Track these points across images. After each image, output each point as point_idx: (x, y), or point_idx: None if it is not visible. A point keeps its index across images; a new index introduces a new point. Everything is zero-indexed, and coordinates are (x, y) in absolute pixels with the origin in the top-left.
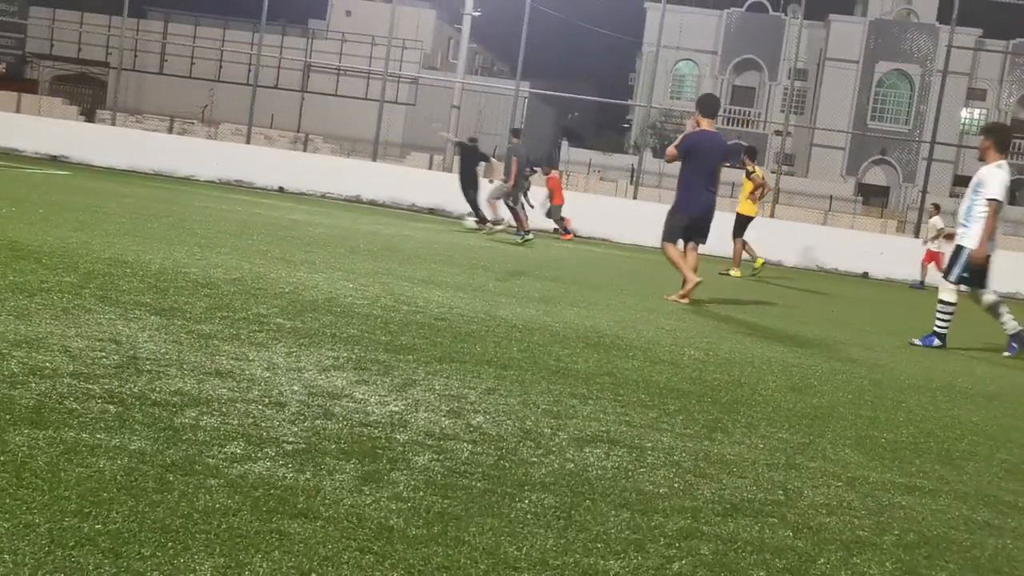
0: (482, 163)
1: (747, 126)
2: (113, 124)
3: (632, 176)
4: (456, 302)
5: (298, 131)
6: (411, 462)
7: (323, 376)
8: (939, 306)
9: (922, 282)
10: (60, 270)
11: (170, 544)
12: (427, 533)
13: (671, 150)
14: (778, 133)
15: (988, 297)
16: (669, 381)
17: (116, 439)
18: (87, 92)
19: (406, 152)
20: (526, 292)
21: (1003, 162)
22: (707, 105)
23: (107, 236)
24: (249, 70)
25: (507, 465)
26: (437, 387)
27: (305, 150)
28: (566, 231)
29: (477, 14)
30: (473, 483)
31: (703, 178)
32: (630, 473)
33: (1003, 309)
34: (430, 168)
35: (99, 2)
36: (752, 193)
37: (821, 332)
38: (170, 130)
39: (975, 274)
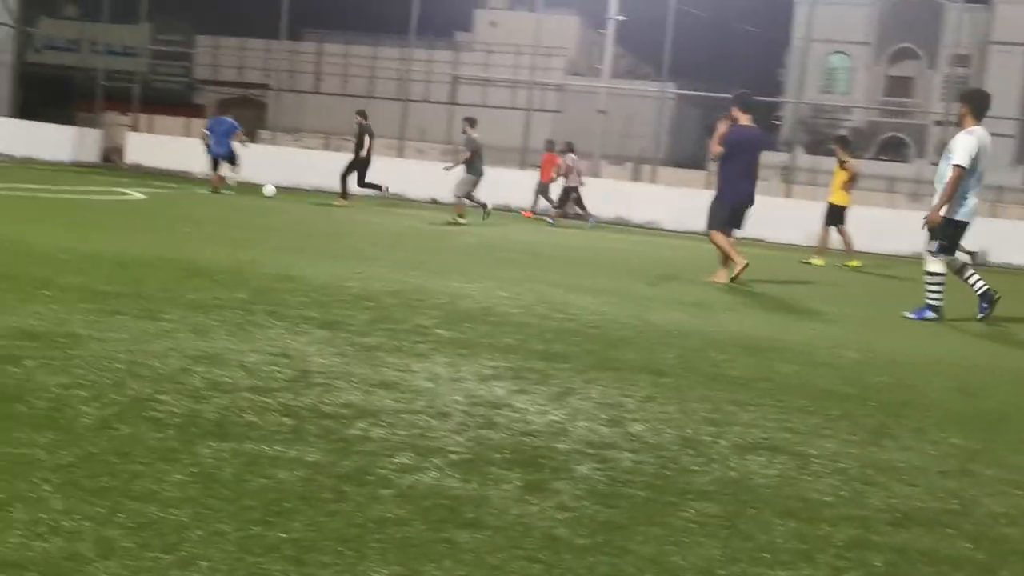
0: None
1: (905, 117)
2: (274, 144)
3: (784, 174)
4: (608, 308)
5: (448, 143)
6: (573, 471)
7: (483, 386)
8: (927, 278)
9: None
10: (232, 287)
11: (348, 553)
12: (592, 542)
13: (715, 148)
14: (939, 123)
15: (956, 260)
16: (829, 384)
17: (293, 451)
18: (249, 114)
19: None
20: (678, 296)
21: (975, 128)
22: (746, 102)
23: (273, 252)
24: (399, 85)
25: (669, 474)
26: (594, 395)
27: (455, 161)
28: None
29: (622, 18)
30: (636, 492)
31: (743, 170)
32: (794, 481)
33: (970, 271)
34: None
35: (258, 27)
36: (847, 183)
37: (989, 331)
38: (326, 147)
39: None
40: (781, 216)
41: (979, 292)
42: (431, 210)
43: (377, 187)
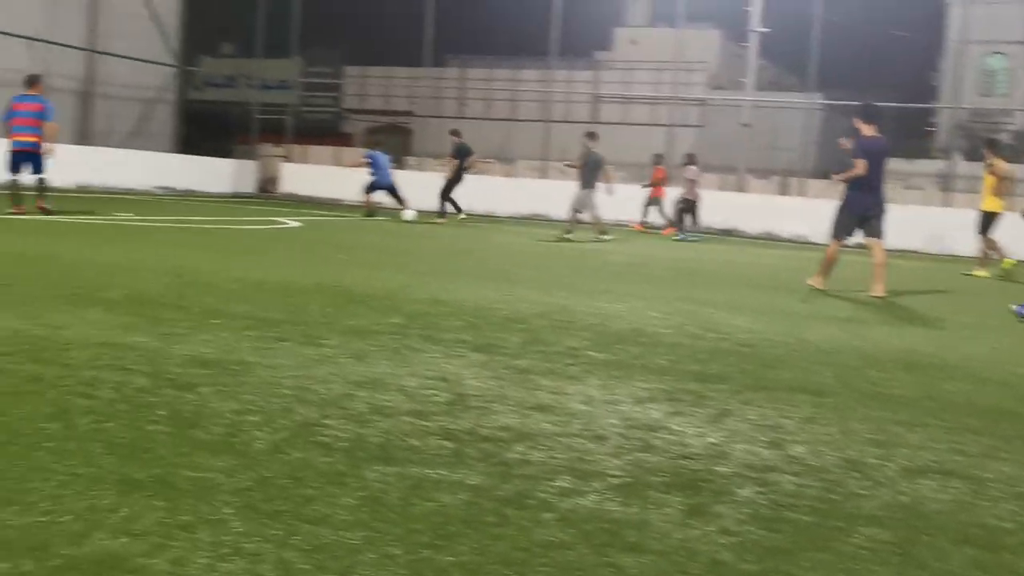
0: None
1: None
2: (420, 169)
3: (941, 182)
4: (760, 326)
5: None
6: (735, 495)
7: (639, 408)
8: None
9: None
10: (387, 312)
11: None
12: (758, 568)
13: (859, 162)
14: None
15: None
16: (999, 403)
17: (455, 474)
18: (395, 141)
19: (697, 175)
20: (832, 312)
21: None
22: (868, 113)
23: (422, 277)
24: (541, 106)
25: (834, 498)
26: (752, 417)
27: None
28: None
29: (766, 31)
30: (800, 516)
31: (870, 178)
32: (970, 506)
33: None
34: (722, 189)
35: (403, 56)
36: (996, 188)
37: None
38: (470, 170)
39: None
40: (940, 226)
41: None
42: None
43: (454, 207)
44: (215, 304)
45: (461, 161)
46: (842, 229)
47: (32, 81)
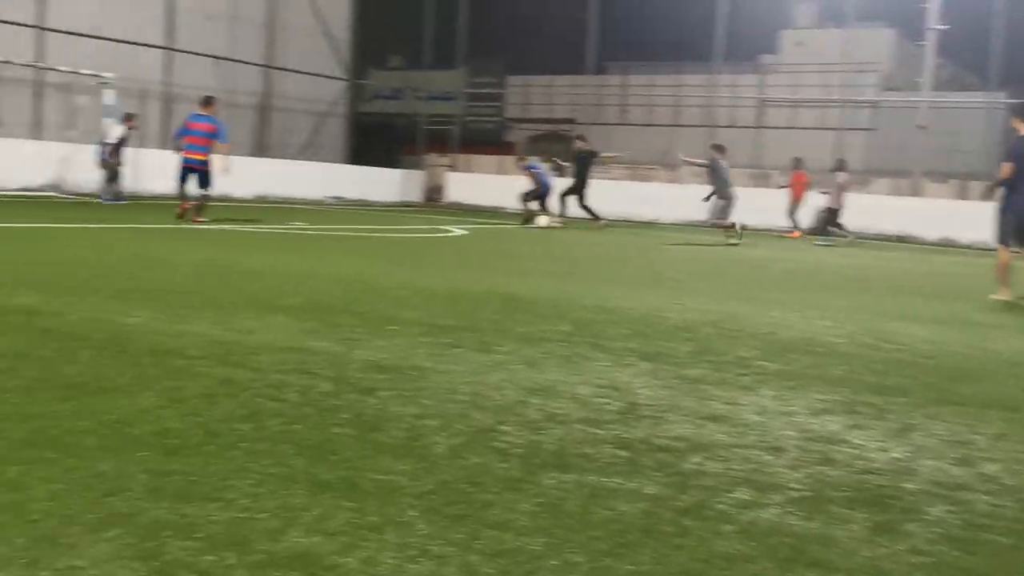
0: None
1: None
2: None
3: None
4: (941, 337)
5: (757, 167)
6: (925, 513)
7: (815, 420)
8: None
9: None
10: (555, 319)
11: None
12: None
13: (1005, 165)
14: None
15: None
16: None
17: (631, 483)
18: (557, 149)
19: (867, 178)
20: (1018, 323)
21: None
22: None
23: (588, 284)
24: (704, 111)
25: None
26: (938, 432)
27: (765, 185)
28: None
29: (944, 28)
30: (997, 538)
31: (1015, 181)
32: None
33: None
34: (895, 194)
35: (565, 64)
36: None
37: None
38: (632, 177)
39: None
40: None
41: None
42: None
43: (589, 213)
44: (389, 310)
45: (582, 167)
46: (1005, 234)
47: (207, 102)
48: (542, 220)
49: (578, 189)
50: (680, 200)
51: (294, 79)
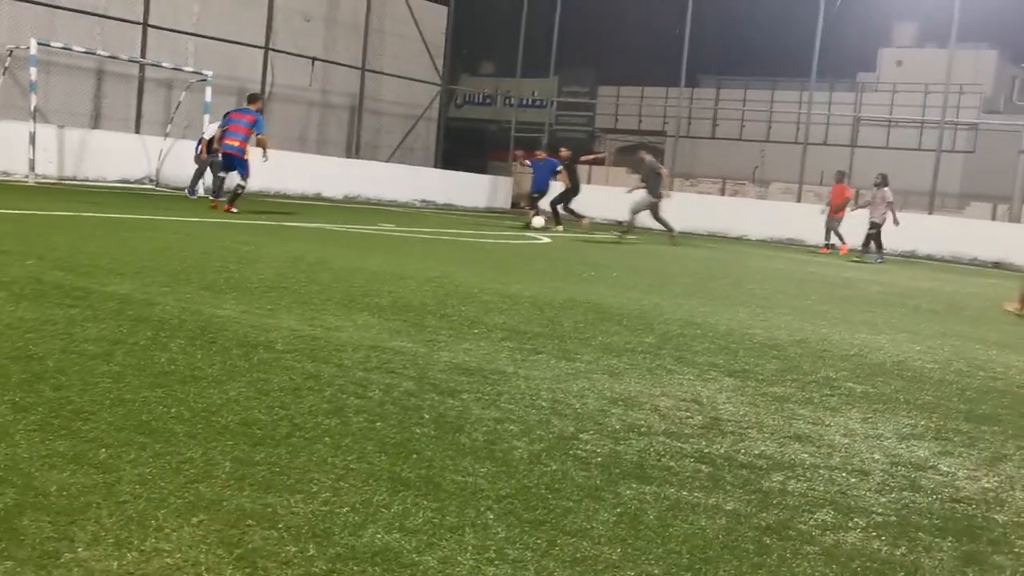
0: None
1: None
2: (671, 189)
3: None
4: None
5: (849, 187)
6: (1015, 545)
7: (903, 445)
8: None
9: None
10: (639, 331)
11: None
12: None
13: None
14: None
15: None
16: None
17: (712, 499)
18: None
19: (965, 202)
20: None
21: None
22: None
23: (675, 298)
24: (798, 128)
25: None
26: None
27: (856, 206)
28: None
29: None
30: None
31: None
32: None
33: None
34: (993, 219)
35: (658, 76)
36: None
37: None
38: (722, 192)
39: None
40: None
41: None
42: (825, 255)
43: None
44: (474, 314)
45: (571, 173)
46: None
47: (252, 98)
48: (536, 220)
49: (572, 193)
50: (770, 217)
51: (388, 82)
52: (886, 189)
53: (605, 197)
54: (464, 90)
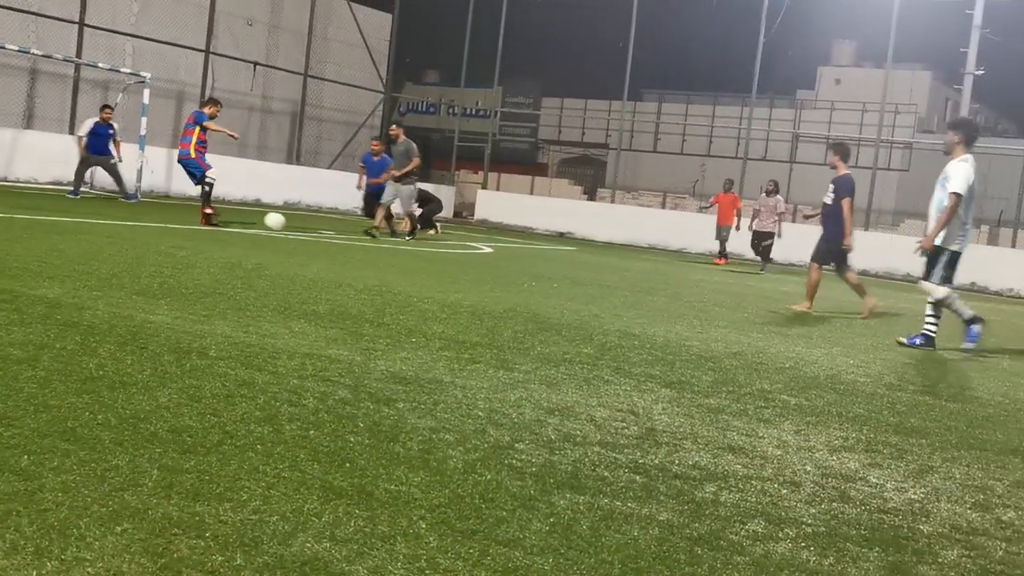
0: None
1: None
2: (612, 201)
3: None
4: (969, 383)
5: (787, 202)
6: (939, 556)
7: (834, 457)
8: (928, 309)
9: None
10: (578, 341)
11: None
12: None
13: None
14: None
15: (939, 290)
16: None
17: (645, 509)
18: (588, 172)
19: (899, 219)
20: None
21: (968, 156)
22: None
23: (614, 309)
24: (738, 143)
25: None
26: (957, 476)
27: (794, 220)
28: None
29: (980, 73)
30: None
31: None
32: None
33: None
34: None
35: (601, 89)
36: None
37: None
38: (663, 205)
39: (948, 266)
40: None
41: (928, 325)
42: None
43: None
44: (412, 323)
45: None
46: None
47: (207, 103)
48: (272, 219)
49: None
50: (712, 230)
51: (331, 89)
52: (778, 197)
53: (548, 208)
54: (408, 98)
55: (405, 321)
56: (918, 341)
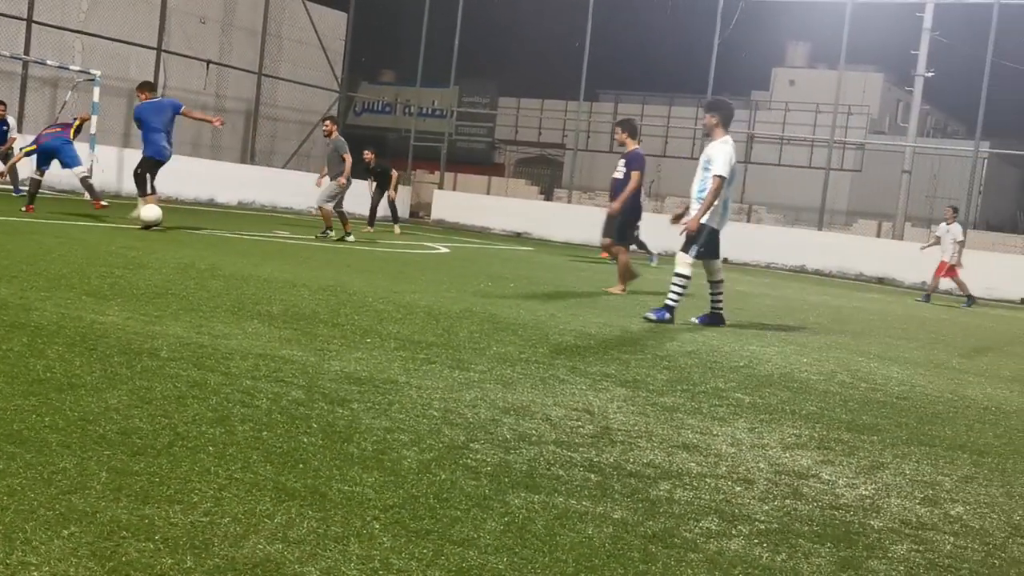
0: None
1: None
2: (568, 201)
3: None
4: (917, 380)
5: (741, 202)
6: (889, 551)
7: (787, 454)
8: (675, 279)
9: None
10: (534, 341)
11: None
12: None
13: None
14: None
15: (716, 265)
16: None
17: (600, 507)
18: (545, 172)
19: (852, 219)
20: (995, 370)
21: (728, 138)
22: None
23: (570, 308)
24: (694, 144)
25: (996, 563)
26: (907, 471)
27: (749, 220)
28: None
29: (930, 75)
30: None
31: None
32: None
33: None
34: (878, 236)
35: (557, 89)
36: None
37: None
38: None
39: (708, 247)
40: None
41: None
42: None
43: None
44: (367, 323)
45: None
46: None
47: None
48: (146, 211)
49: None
50: (670, 230)
51: (285, 88)
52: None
53: (505, 207)
54: (363, 98)
55: (360, 321)
56: (666, 316)
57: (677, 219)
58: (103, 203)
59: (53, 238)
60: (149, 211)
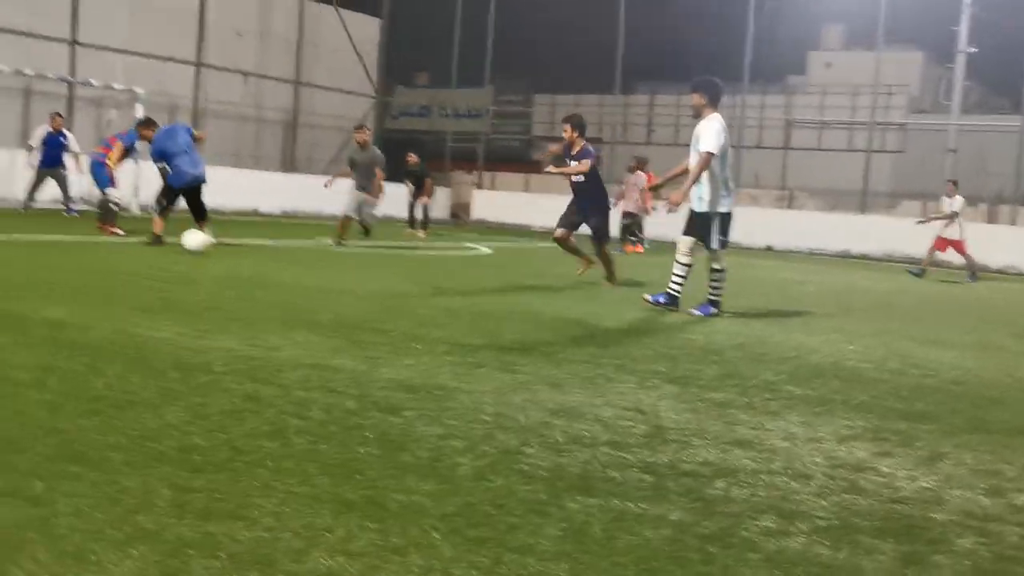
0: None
1: None
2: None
3: None
4: (971, 363)
5: (783, 188)
6: (953, 544)
7: (843, 447)
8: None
9: (923, 270)
10: (579, 340)
11: None
12: None
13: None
14: None
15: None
16: None
17: (656, 509)
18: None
19: (896, 202)
20: None
21: (716, 115)
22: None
23: (614, 306)
24: (731, 131)
25: None
26: (968, 461)
27: (790, 207)
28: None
29: (973, 51)
30: None
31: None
32: None
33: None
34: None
35: (592, 83)
36: None
37: None
38: (658, 197)
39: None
40: None
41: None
42: (763, 257)
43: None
44: (414, 329)
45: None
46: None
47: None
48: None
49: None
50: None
51: (322, 95)
52: (640, 174)
53: (542, 205)
54: (399, 102)
55: (406, 327)
56: (711, 310)
57: (655, 189)
58: (115, 230)
59: (106, 255)
60: (192, 239)
